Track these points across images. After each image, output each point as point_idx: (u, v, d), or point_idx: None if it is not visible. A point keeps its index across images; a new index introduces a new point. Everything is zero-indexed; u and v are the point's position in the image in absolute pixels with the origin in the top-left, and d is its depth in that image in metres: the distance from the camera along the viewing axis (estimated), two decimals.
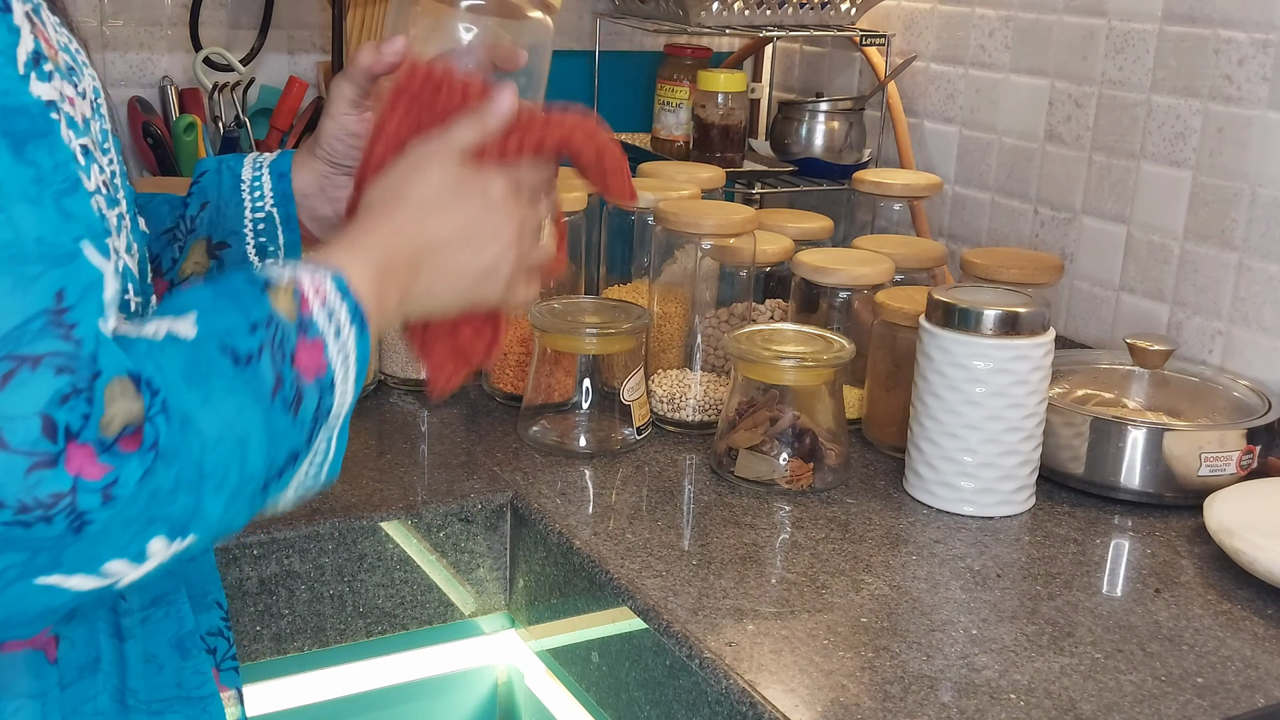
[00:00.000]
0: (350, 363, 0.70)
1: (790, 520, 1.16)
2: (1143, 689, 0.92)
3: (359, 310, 0.70)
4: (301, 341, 0.67)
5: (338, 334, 0.69)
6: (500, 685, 1.27)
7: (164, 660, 0.76)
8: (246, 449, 0.63)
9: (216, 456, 0.61)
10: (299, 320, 0.67)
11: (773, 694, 0.89)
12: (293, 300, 0.67)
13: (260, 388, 0.64)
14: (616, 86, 1.93)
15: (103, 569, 0.59)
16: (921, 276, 1.44)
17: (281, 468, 0.66)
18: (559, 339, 1.29)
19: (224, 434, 0.62)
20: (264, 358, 0.64)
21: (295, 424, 0.66)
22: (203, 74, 1.66)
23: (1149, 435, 1.19)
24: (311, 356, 0.67)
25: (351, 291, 0.70)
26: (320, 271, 0.70)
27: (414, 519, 1.14)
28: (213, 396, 0.62)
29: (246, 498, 0.64)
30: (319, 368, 0.67)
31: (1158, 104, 1.44)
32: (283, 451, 0.66)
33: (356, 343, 0.70)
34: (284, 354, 0.65)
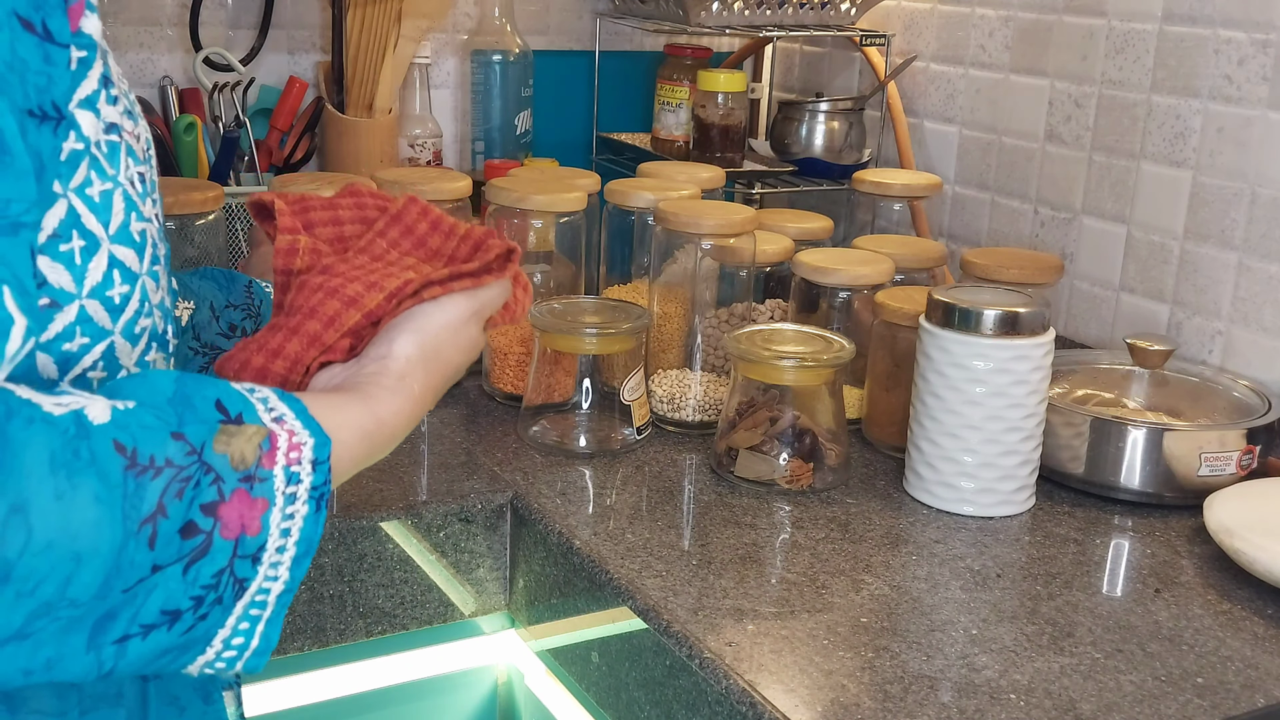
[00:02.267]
0: (292, 543, 0.62)
1: (790, 520, 1.16)
2: (1143, 689, 0.92)
3: (323, 492, 0.64)
4: (240, 495, 0.60)
5: (289, 502, 0.62)
6: (500, 685, 1.27)
7: (186, 703, 0.73)
8: (79, 568, 0.54)
9: (36, 564, 0.53)
10: (251, 471, 0.60)
11: (773, 694, 0.89)
12: (256, 449, 0.61)
13: (133, 509, 0.56)
14: (616, 86, 1.93)
15: None
16: (921, 276, 1.44)
17: (148, 625, 0.58)
18: (559, 339, 1.29)
19: (56, 542, 0.54)
20: (160, 479, 0.57)
21: (181, 582, 0.58)
22: (203, 74, 1.66)
23: (1149, 435, 1.19)
24: (243, 513, 0.60)
25: (326, 468, 0.64)
26: (309, 433, 0.64)
27: (414, 519, 1.14)
28: (68, 495, 0.54)
29: (66, 622, 0.55)
30: (248, 528, 0.60)
31: (1158, 104, 1.44)
32: (144, 603, 0.57)
33: (305, 524, 0.63)
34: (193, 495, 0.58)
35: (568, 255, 1.47)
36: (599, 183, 1.50)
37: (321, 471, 0.63)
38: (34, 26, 0.59)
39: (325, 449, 0.64)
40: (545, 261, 1.46)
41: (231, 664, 0.64)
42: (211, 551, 0.59)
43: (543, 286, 1.45)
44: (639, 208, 1.44)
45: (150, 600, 0.58)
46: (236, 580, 0.61)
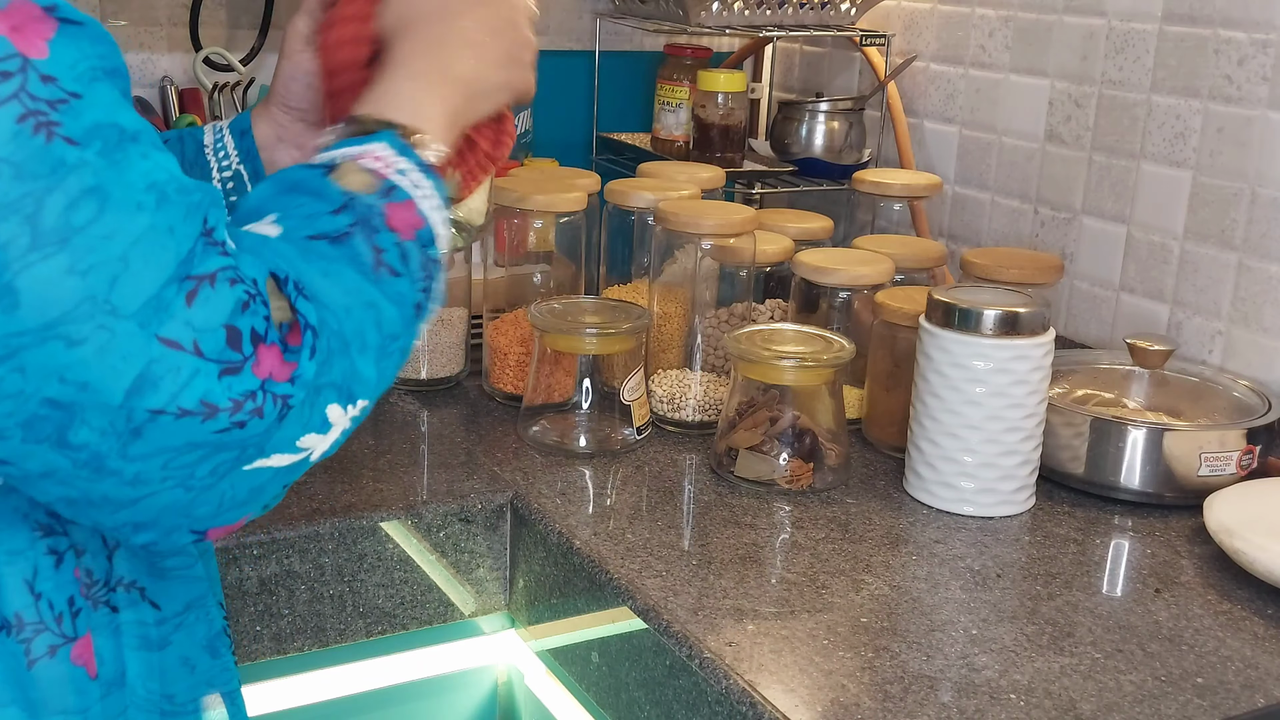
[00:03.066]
0: (440, 211, 0.73)
1: (790, 520, 1.16)
2: (1143, 689, 0.92)
3: (423, 162, 0.73)
4: (391, 207, 0.70)
5: (417, 187, 0.72)
6: (500, 685, 1.27)
7: (196, 661, 0.77)
8: (379, 311, 0.68)
9: (352, 322, 0.66)
10: (382, 188, 0.71)
11: (773, 694, 0.89)
12: (365, 174, 0.71)
13: (361, 263, 0.68)
14: (616, 86, 1.93)
15: (298, 444, 0.65)
16: (921, 276, 1.44)
17: (413, 320, 0.71)
18: (559, 339, 1.29)
19: (350, 302, 0.66)
20: (356, 235, 0.68)
21: (410, 282, 0.70)
22: (203, 74, 1.66)
23: (1149, 435, 1.19)
24: (405, 216, 0.71)
25: (410, 146, 0.73)
26: (373, 142, 0.73)
27: (414, 519, 1.14)
28: (329, 271, 0.66)
29: (392, 355, 0.69)
30: (416, 224, 0.71)
31: (1158, 104, 1.44)
32: (408, 308, 0.70)
33: (436, 190, 0.73)
34: (373, 226, 0.69)
35: (568, 255, 1.47)
36: (599, 183, 1.49)
37: (409, 152, 0.73)
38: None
39: (393, 138, 0.73)
40: (545, 261, 1.46)
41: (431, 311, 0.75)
42: (409, 255, 0.70)
43: (543, 286, 1.45)
44: (639, 208, 1.44)
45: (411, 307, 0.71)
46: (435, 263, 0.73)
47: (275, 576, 1.09)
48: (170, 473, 0.61)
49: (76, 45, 0.59)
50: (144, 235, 0.59)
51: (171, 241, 0.60)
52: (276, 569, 1.09)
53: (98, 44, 0.60)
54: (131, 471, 0.60)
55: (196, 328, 0.59)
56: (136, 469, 0.60)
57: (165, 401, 0.59)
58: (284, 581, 1.09)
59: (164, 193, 0.60)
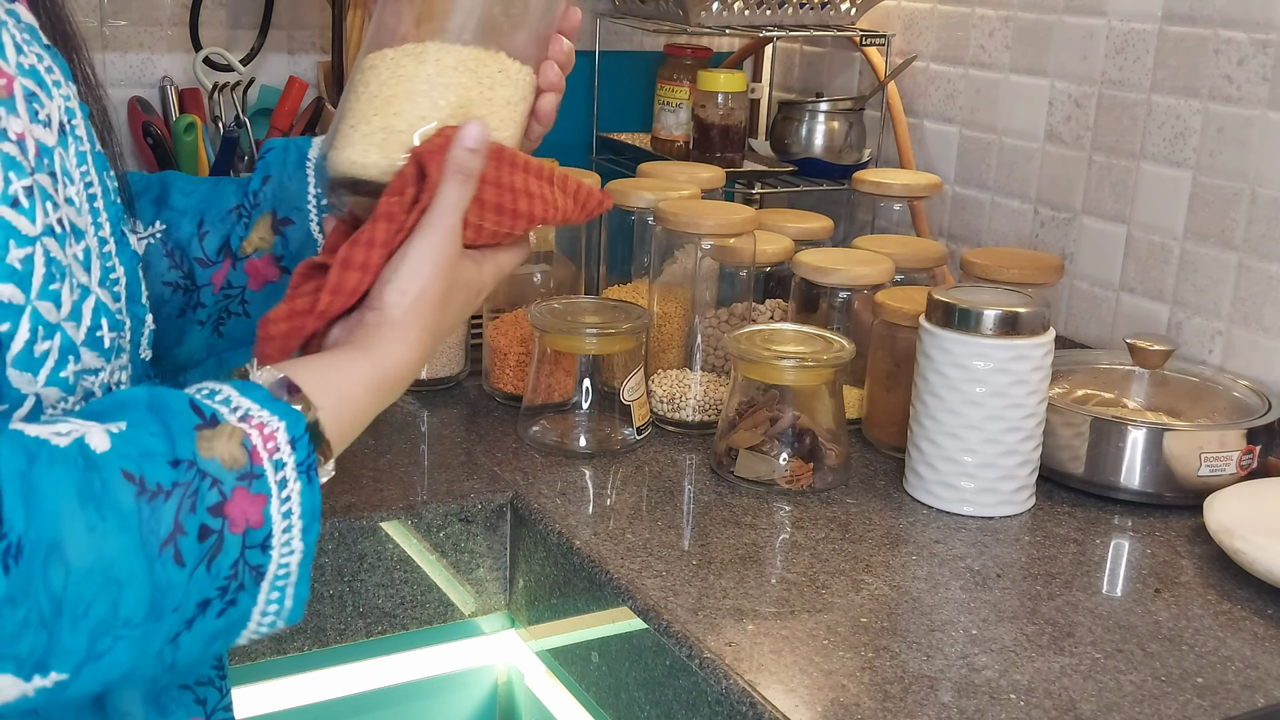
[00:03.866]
0: (295, 519, 0.65)
1: (790, 520, 1.16)
2: (1143, 689, 0.92)
3: (310, 464, 0.66)
4: (240, 492, 0.62)
5: (283, 486, 0.64)
6: (500, 685, 1.27)
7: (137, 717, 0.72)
8: (122, 590, 0.58)
9: (81, 590, 0.57)
10: (246, 469, 0.63)
11: (773, 694, 0.89)
12: (240, 448, 0.63)
13: (151, 534, 0.59)
14: (616, 86, 1.93)
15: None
16: (921, 276, 1.44)
17: (190, 618, 0.61)
18: (559, 339, 1.29)
19: (95, 569, 0.57)
20: (171, 501, 0.60)
21: (206, 576, 0.61)
22: (203, 74, 1.66)
23: (1149, 435, 1.19)
24: (247, 510, 0.62)
25: (309, 441, 0.66)
26: (277, 418, 0.65)
27: (414, 519, 1.14)
28: (100, 526, 0.57)
29: (128, 639, 0.59)
30: (254, 522, 0.63)
31: (1158, 104, 1.44)
32: (182, 602, 0.60)
33: (302, 498, 0.65)
34: (199, 504, 0.60)
35: (568, 255, 1.47)
36: (599, 183, 1.49)
37: (301, 447, 0.65)
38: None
39: (299, 424, 0.66)
40: (545, 261, 1.46)
41: (273, 626, 0.67)
42: (225, 547, 0.62)
43: (543, 286, 1.45)
44: (639, 208, 1.44)
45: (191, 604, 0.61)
46: (252, 568, 0.63)
47: None
48: None
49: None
50: None
51: None
52: None
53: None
54: None
55: None
56: None
57: None
58: None
59: None
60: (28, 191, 0.62)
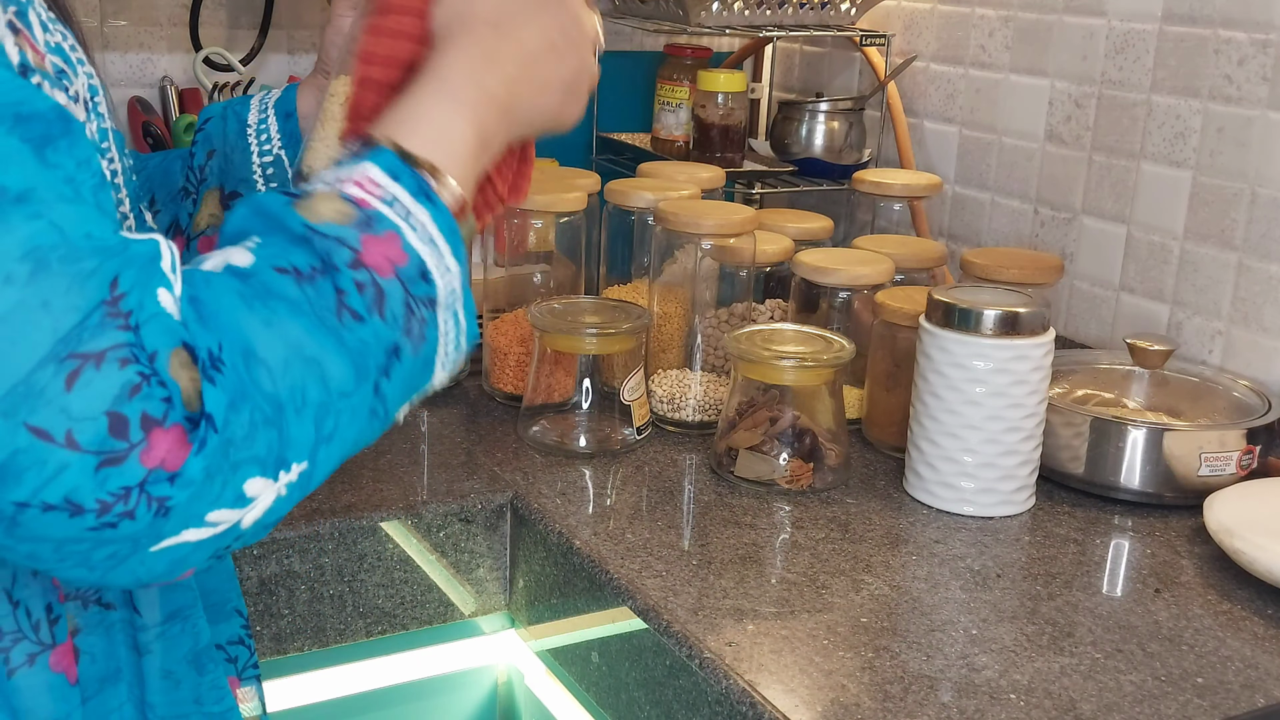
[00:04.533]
0: (438, 241, 0.66)
1: (790, 520, 1.16)
2: (1143, 689, 0.92)
3: (423, 185, 0.66)
4: (369, 239, 0.63)
5: (409, 218, 0.65)
6: (500, 685, 1.27)
7: (181, 676, 0.75)
8: (323, 367, 0.60)
9: (288, 381, 0.59)
10: (360, 217, 0.63)
11: (773, 694, 0.89)
12: (341, 203, 0.64)
13: (318, 308, 0.61)
14: (616, 86, 1.93)
15: (207, 520, 0.58)
16: (921, 276, 1.44)
17: (385, 366, 0.63)
18: (559, 339, 1.29)
19: (291, 358, 0.59)
20: (317, 276, 0.62)
21: (383, 324, 0.63)
22: (203, 74, 1.66)
23: (1149, 435, 1.19)
24: (386, 250, 0.63)
25: (408, 167, 0.66)
26: (361, 164, 0.66)
27: (414, 519, 1.14)
28: (274, 320, 0.59)
29: (342, 413, 0.62)
30: (398, 260, 0.64)
31: (1158, 104, 1.44)
32: (375, 356, 0.63)
33: (434, 219, 0.66)
34: (334, 265, 0.62)
35: (568, 255, 1.47)
36: (599, 183, 1.49)
37: (404, 176, 0.66)
38: None
39: (387, 157, 0.66)
40: (545, 261, 1.46)
41: (458, 348, 0.68)
42: (387, 293, 0.63)
43: (543, 286, 1.45)
44: (639, 208, 1.44)
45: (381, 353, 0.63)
46: (423, 300, 0.65)
47: (275, 576, 1.09)
48: (65, 555, 0.57)
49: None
50: (10, 312, 0.53)
51: (46, 318, 0.54)
52: (276, 569, 1.09)
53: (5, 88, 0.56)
54: (24, 551, 0.57)
55: (73, 415, 0.54)
56: (27, 549, 0.57)
57: (28, 495, 0.54)
58: (284, 581, 1.09)
59: (43, 261, 0.54)
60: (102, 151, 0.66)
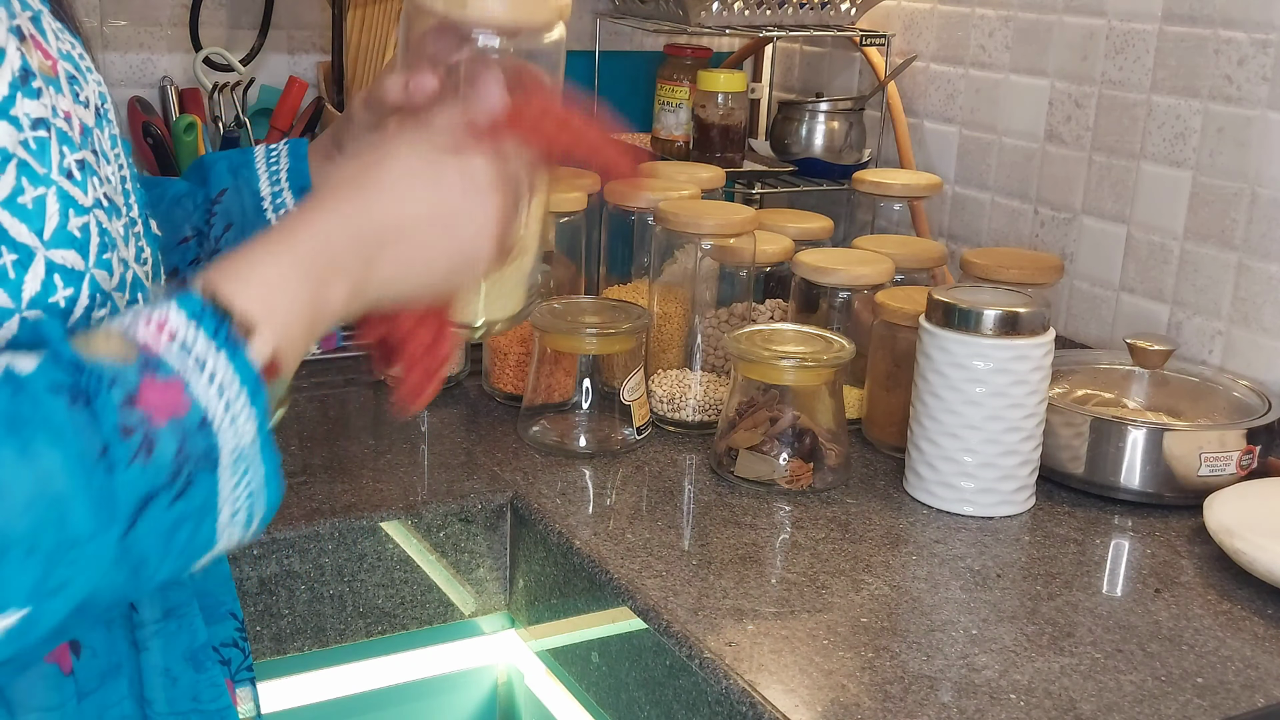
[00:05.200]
0: (233, 392, 0.60)
1: (790, 520, 1.16)
2: (1143, 689, 0.92)
3: (225, 332, 0.60)
4: (149, 382, 0.57)
5: (201, 366, 0.59)
6: (500, 685, 1.27)
7: (179, 673, 0.75)
8: (66, 508, 0.55)
9: (26, 522, 0.53)
10: (141, 360, 0.58)
11: (773, 694, 0.89)
12: (122, 342, 0.58)
13: (88, 441, 0.55)
14: (616, 86, 1.93)
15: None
16: (921, 276, 1.44)
17: (133, 516, 0.57)
18: (559, 339, 1.29)
19: (36, 497, 0.54)
20: (92, 409, 0.56)
21: (142, 472, 0.57)
22: (203, 74, 1.66)
23: (1149, 435, 1.19)
24: (164, 397, 0.58)
25: (211, 315, 0.61)
26: (162, 306, 0.60)
27: (414, 519, 1.14)
28: (28, 449, 0.54)
29: (83, 558, 0.56)
30: (177, 408, 0.58)
31: (1158, 104, 1.44)
32: (125, 504, 0.57)
33: (234, 367, 0.60)
34: (109, 402, 0.56)
35: (568, 255, 1.47)
36: (599, 183, 1.49)
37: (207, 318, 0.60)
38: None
39: (192, 301, 0.61)
40: (545, 261, 1.46)
41: (251, 511, 0.62)
42: (159, 440, 0.57)
43: (543, 286, 1.45)
44: (639, 208, 1.44)
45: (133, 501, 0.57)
46: (198, 455, 0.59)
47: (275, 576, 1.09)
48: None
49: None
50: None
51: None
52: (276, 569, 1.09)
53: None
54: None
55: None
56: None
57: None
58: (284, 581, 1.09)
59: None
60: (80, 165, 0.64)
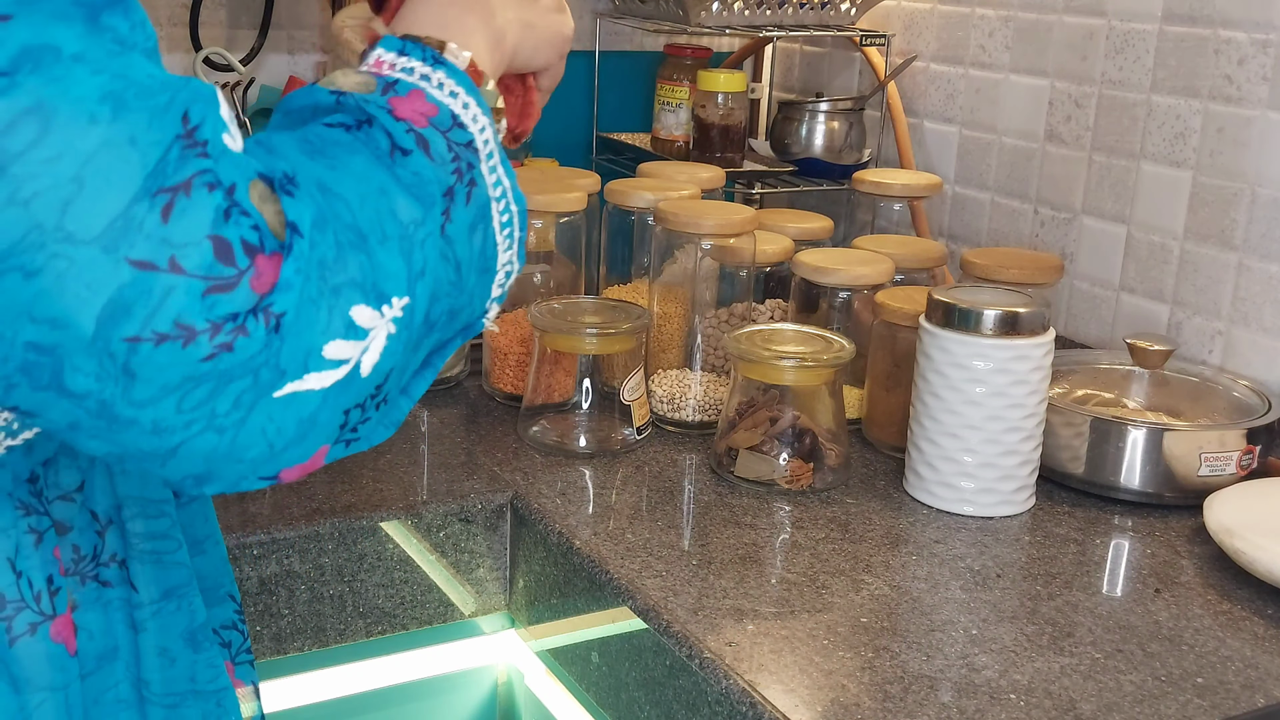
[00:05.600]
0: (463, 96, 0.68)
1: (790, 520, 1.16)
2: (1143, 689, 0.92)
3: (431, 55, 0.69)
4: (395, 99, 0.66)
5: (427, 79, 0.68)
6: (500, 685, 1.27)
7: (176, 654, 0.76)
8: (392, 199, 0.62)
9: (365, 213, 0.61)
10: (380, 84, 0.67)
11: (773, 694, 0.89)
12: (360, 75, 0.67)
13: (374, 149, 0.63)
14: (616, 86, 1.93)
15: (325, 355, 0.58)
16: (921, 276, 1.44)
17: (444, 208, 0.65)
18: (559, 339, 1.29)
19: (365, 191, 0.61)
20: (363, 127, 0.64)
21: (432, 164, 0.65)
22: (203, 74, 1.66)
23: (1149, 435, 1.19)
24: (414, 105, 0.66)
25: (415, 43, 0.69)
26: (375, 49, 0.69)
27: (414, 519, 1.14)
28: (338, 163, 0.62)
29: (422, 245, 0.63)
30: (429, 110, 0.67)
31: (1158, 104, 1.44)
32: (432, 192, 0.64)
33: (451, 77, 0.69)
34: (377, 116, 0.65)
35: (568, 255, 1.47)
36: (599, 183, 1.49)
37: (411, 49, 0.69)
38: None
39: (391, 42, 0.69)
40: (545, 261, 1.46)
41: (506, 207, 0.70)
42: (429, 139, 0.66)
43: (543, 286, 1.45)
44: (639, 208, 1.44)
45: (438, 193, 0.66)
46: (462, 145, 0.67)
47: (275, 576, 1.09)
48: (188, 415, 0.56)
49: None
50: (98, 151, 0.53)
51: (134, 153, 0.54)
52: (276, 569, 1.09)
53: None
54: (148, 420, 0.56)
55: (175, 244, 0.54)
56: (151, 416, 0.56)
57: (139, 327, 0.54)
58: (284, 581, 1.09)
59: (121, 100, 0.54)
60: None
